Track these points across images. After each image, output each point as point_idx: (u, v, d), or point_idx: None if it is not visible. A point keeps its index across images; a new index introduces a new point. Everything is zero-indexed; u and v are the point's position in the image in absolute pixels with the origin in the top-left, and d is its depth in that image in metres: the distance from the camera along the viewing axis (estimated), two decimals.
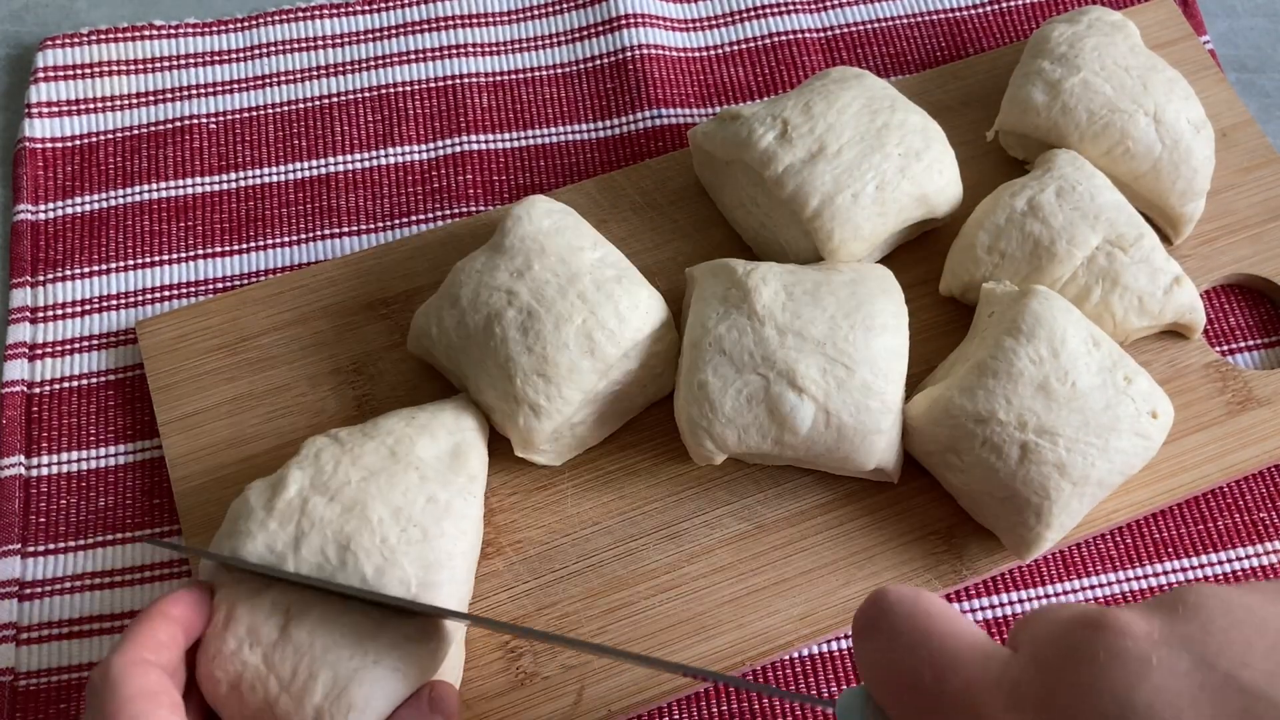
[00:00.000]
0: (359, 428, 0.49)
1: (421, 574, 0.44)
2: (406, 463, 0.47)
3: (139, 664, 0.39)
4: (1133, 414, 0.47)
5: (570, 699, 0.48)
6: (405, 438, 0.48)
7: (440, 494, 0.46)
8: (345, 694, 0.41)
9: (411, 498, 0.46)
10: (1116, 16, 0.59)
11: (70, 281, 0.59)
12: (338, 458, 0.47)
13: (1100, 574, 0.52)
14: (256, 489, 0.46)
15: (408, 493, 0.46)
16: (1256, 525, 0.53)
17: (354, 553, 0.44)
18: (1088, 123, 0.55)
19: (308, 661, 0.42)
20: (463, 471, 0.47)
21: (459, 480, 0.47)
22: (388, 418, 0.49)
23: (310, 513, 0.45)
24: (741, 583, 0.50)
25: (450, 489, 0.47)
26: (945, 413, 0.48)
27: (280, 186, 0.62)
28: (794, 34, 0.67)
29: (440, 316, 0.51)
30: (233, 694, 0.42)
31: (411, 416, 0.49)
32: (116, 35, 0.66)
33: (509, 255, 0.50)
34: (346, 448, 0.47)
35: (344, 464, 0.46)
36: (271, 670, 0.42)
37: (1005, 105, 0.57)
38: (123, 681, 0.38)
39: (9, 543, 0.52)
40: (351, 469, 0.46)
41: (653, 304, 0.50)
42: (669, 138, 0.63)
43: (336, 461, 0.47)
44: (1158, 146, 0.55)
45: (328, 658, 0.42)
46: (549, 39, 0.67)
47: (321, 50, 0.66)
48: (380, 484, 0.46)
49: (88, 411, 0.56)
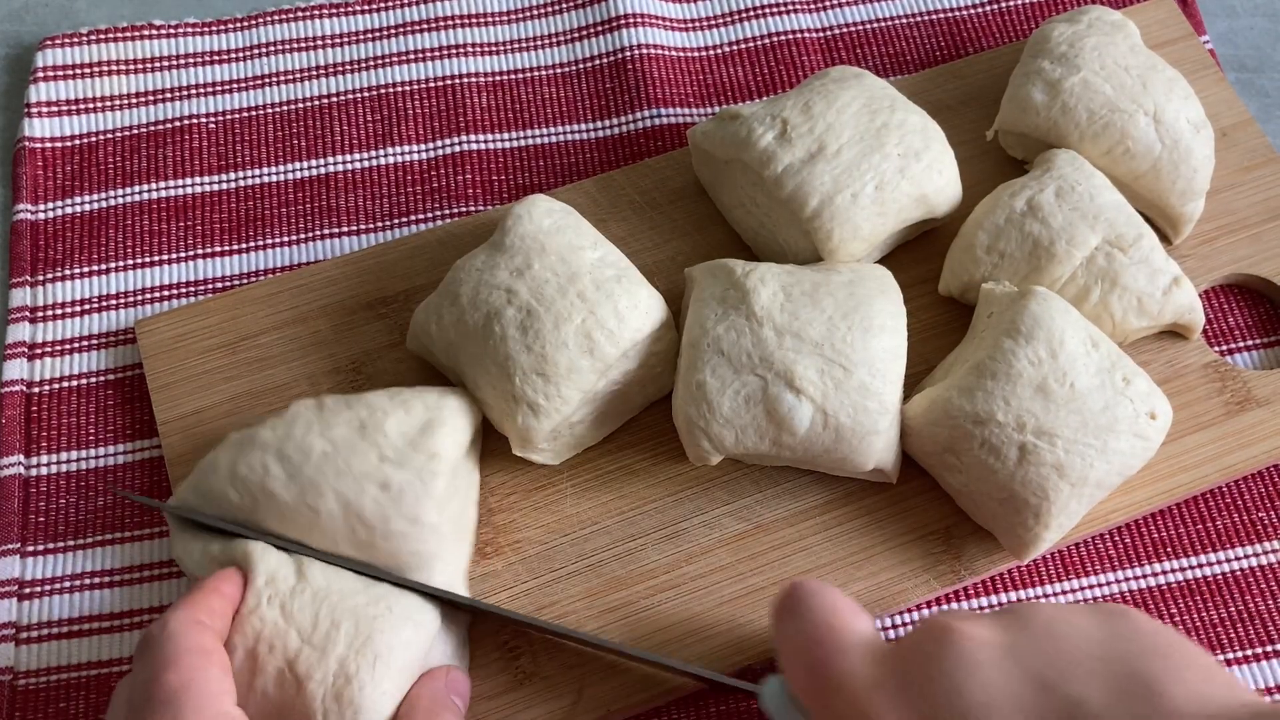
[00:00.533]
0: (345, 396, 0.48)
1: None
2: (371, 440, 0.46)
3: (197, 624, 0.41)
4: (1131, 415, 0.47)
5: (570, 699, 0.48)
6: (379, 410, 0.47)
7: (395, 477, 0.45)
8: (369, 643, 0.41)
9: (362, 487, 0.45)
10: (1116, 16, 0.59)
11: (70, 281, 0.59)
12: (310, 423, 0.46)
13: (1099, 574, 0.52)
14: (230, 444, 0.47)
15: (361, 479, 0.45)
16: (1256, 525, 0.53)
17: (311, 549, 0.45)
18: (1088, 122, 0.55)
19: (328, 609, 0.42)
20: (424, 449, 0.46)
21: (418, 459, 0.46)
22: (377, 392, 0.49)
23: (269, 487, 0.45)
24: (741, 583, 0.50)
25: (407, 469, 0.45)
26: (944, 413, 0.48)
27: (279, 186, 0.62)
28: (794, 34, 0.67)
29: (440, 314, 0.51)
30: (247, 663, 0.42)
31: (397, 392, 0.49)
32: (116, 35, 0.66)
33: (509, 254, 0.51)
34: (324, 414, 0.47)
35: (314, 432, 0.46)
36: (290, 623, 0.42)
37: (1005, 105, 0.57)
38: (182, 634, 0.40)
39: (8, 542, 0.52)
40: (318, 439, 0.46)
41: (652, 304, 0.50)
42: (668, 137, 0.63)
43: (309, 427, 0.46)
44: (1157, 146, 0.55)
45: (346, 604, 0.42)
46: (548, 39, 0.67)
47: (321, 50, 0.66)
48: (337, 465, 0.45)
49: (87, 411, 0.56)
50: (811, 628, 0.39)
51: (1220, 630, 0.51)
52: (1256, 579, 0.52)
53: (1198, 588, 0.52)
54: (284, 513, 0.45)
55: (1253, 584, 0.52)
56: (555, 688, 0.48)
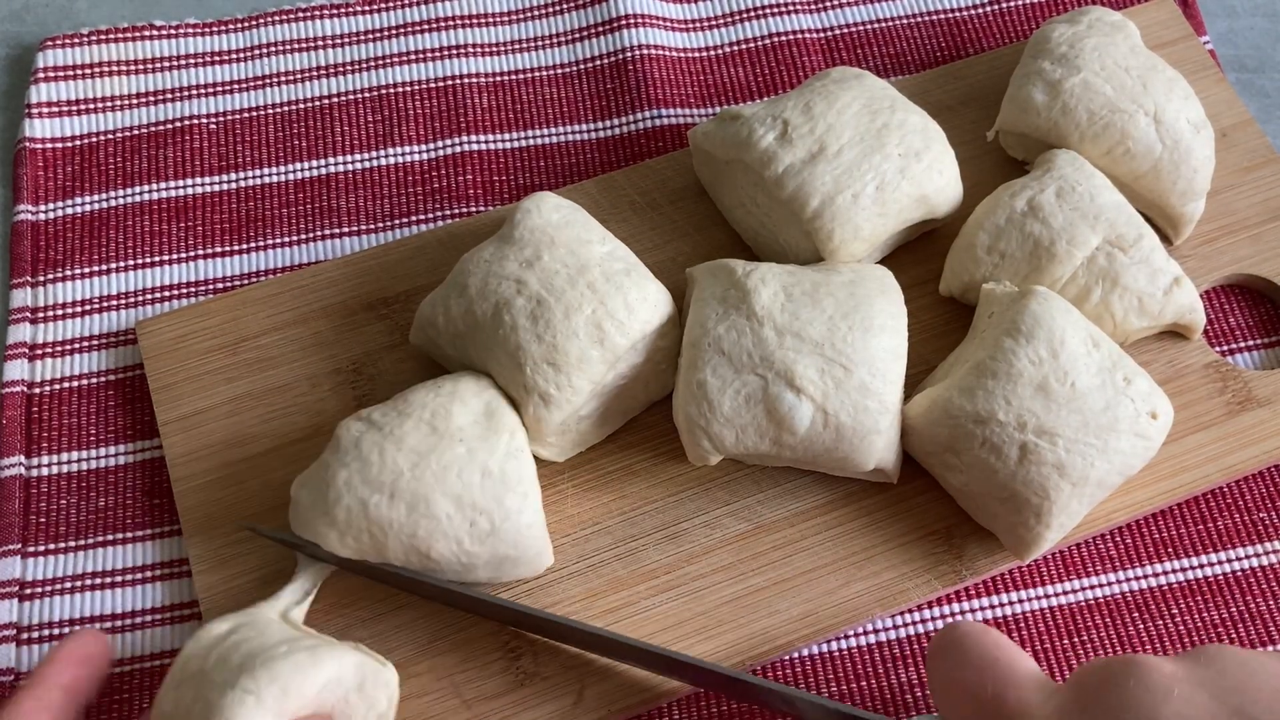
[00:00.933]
0: (389, 404, 0.48)
1: (494, 573, 0.47)
2: (450, 436, 0.46)
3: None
4: (1132, 414, 0.47)
5: (570, 699, 0.48)
6: (440, 409, 0.47)
7: (491, 463, 0.46)
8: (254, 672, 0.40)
9: (467, 479, 0.46)
10: (1116, 17, 0.59)
11: (70, 281, 0.59)
12: (379, 444, 0.46)
13: (1100, 574, 0.52)
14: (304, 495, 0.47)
15: (462, 473, 0.46)
16: (1256, 525, 0.53)
17: (436, 561, 0.46)
18: (1088, 123, 0.55)
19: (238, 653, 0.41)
20: (503, 429, 0.47)
21: (501, 440, 0.47)
22: (414, 391, 0.49)
23: (376, 518, 0.45)
24: (741, 583, 0.50)
25: (497, 453, 0.46)
26: (944, 413, 0.48)
27: (280, 187, 0.62)
28: (794, 34, 0.67)
29: (447, 305, 0.51)
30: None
31: (437, 386, 0.49)
32: (116, 35, 0.66)
33: (518, 246, 0.51)
34: (385, 430, 0.47)
35: (389, 450, 0.46)
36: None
37: (1005, 105, 0.57)
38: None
39: (9, 543, 0.52)
40: (398, 455, 0.46)
41: (660, 297, 0.51)
42: (669, 138, 0.63)
43: (380, 449, 0.46)
44: (1158, 147, 0.55)
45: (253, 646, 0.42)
46: (549, 39, 0.67)
47: (321, 50, 0.66)
48: (433, 469, 0.46)
49: (88, 411, 0.56)
50: (978, 663, 0.39)
51: (1221, 630, 0.51)
52: (1257, 579, 0.52)
53: (1199, 588, 0.52)
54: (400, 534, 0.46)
55: (1254, 584, 0.52)
56: (556, 688, 0.48)
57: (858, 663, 0.50)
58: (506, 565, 0.47)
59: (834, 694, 0.49)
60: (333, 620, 0.49)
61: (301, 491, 0.47)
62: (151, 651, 0.51)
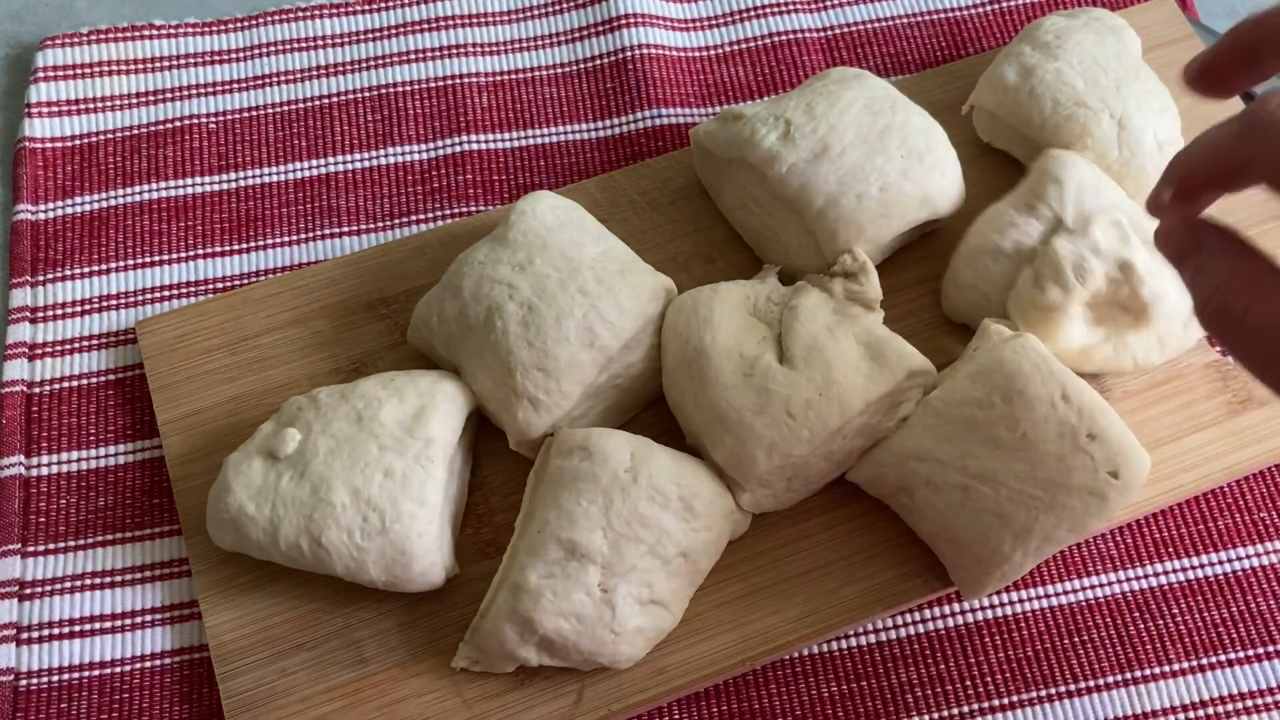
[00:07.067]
0: (339, 388, 0.50)
1: (386, 575, 0.47)
2: (369, 431, 0.47)
3: None
4: (1089, 470, 0.45)
5: (570, 699, 0.48)
6: (374, 400, 0.48)
7: (396, 464, 0.47)
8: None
9: (369, 475, 0.47)
10: (1119, 21, 0.58)
11: (70, 281, 0.59)
12: (310, 424, 0.48)
13: (1100, 574, 0.52)
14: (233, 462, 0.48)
15: (366, 468, 0.47)
16: (1256, 525, 0.53)
17: (326, 549, 0.46)
18: (1051, 111, 0.54)
19: None
20: (419, 435, 0.48)
21: (415, 445, 0.47)
22: (368, 379, 0.50)
23: (282, 492, 0.47)
24: (743, 582, 0.50)
25: (406, 456, 0.47)
26: (886, 451, 0.48)
27: (280, 186, 0.62)
28: (794, 34, 0.67)
29: (442, 306, 0.51)
30: None
31: (390, 379, 0.50)
32: (116, 35, 0.66)
33: (511, 248, 0.51)
34: (321, 411, 0.48)
35: (315, 431, 0.48)
36: None
37: (980, 81, 0.57)
38: None
39: (9, 542, 0.52)
40: (321, 437, 0.47)
41: (658, 290, 0.51)
42: (669, 138, 0.63)
43: (309, 428, 0.48)
44: (1114, 152, 0.54)
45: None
46: (549, 39, 0.67)
47: (321, 50, 0.66)
48: (343, 459, 0.47)
49: (88, 411, 0.56)
50: None
51: (1221, 630, 0.51)
52: (1258, 579, 0.52)
53: (1199, 588, 0.52)
54: (301, 510, 0.47)
55: (1254, 584, 0.52)
56: (556, 688, 0.48)
57: (858, 663, 0.50)
58: (397, 569, 0.47)
59: (834, 694, 0.49)
60: (332, 620, 0.49)
61: (234, 454, 0.48)
62: (152, 651, 0.51)
